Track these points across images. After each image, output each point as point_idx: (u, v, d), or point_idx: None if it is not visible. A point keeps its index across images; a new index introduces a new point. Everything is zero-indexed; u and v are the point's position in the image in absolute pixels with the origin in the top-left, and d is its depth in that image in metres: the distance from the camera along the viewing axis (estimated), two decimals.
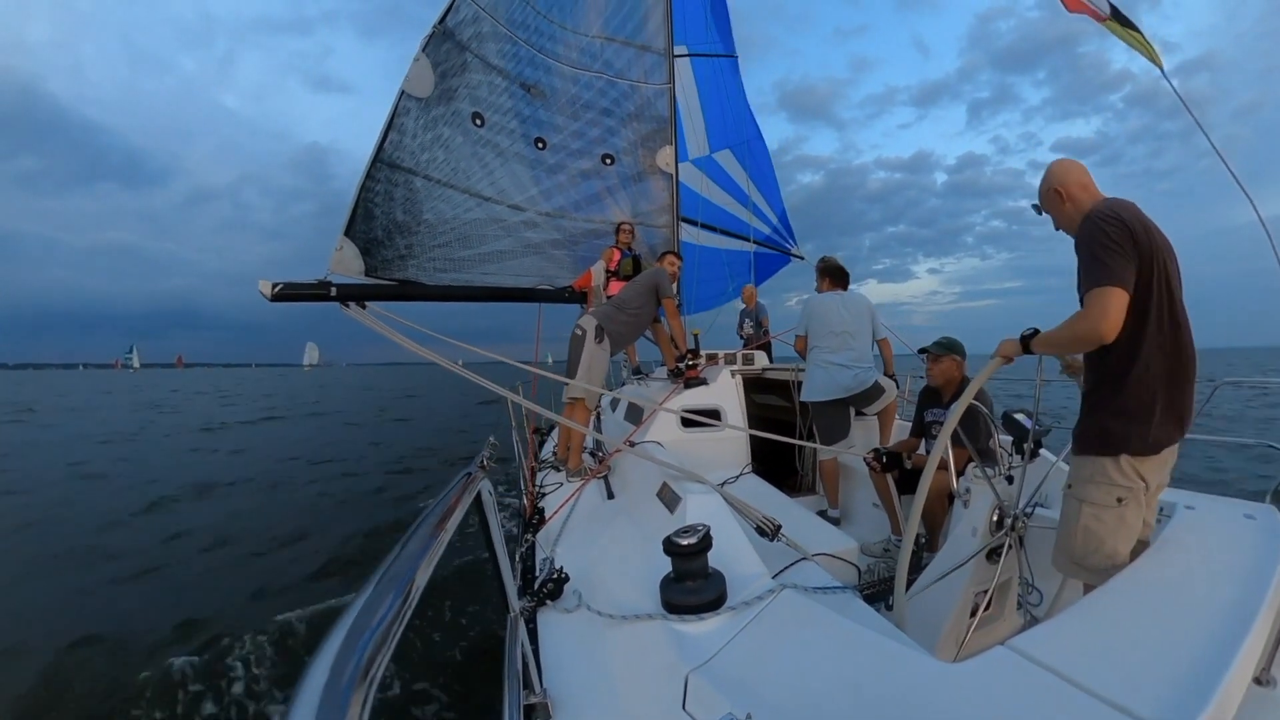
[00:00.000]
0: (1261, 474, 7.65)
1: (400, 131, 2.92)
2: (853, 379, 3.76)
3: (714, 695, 1.31)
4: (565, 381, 3.48)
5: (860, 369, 3.78)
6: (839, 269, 4.08)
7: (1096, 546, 1.79)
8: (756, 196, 8.32)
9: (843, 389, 3.78)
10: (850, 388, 3.77)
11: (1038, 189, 2.03)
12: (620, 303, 3.84)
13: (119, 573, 5.34)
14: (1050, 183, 1.95)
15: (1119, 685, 1.13)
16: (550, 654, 1.75)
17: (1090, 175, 1.93)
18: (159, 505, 7.85)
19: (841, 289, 4.05)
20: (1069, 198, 1.90)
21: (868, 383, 3.77)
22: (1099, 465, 1.79)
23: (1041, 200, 2.01)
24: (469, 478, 1.20)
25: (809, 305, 4.02)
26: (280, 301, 2.28)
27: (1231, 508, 2.10)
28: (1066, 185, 1.91)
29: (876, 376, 3.84)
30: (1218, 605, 1.43)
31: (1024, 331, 1.94)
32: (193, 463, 11.40)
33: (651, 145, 4.96)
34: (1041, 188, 2.00)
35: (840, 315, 3.84)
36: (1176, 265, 1.80)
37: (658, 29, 4.85)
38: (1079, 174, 1.92)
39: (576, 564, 2.25)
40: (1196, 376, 1.82)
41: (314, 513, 7.37)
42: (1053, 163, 1.99)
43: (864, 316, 3.86)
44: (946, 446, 2.53)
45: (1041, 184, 2.00)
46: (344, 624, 0.60)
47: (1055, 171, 1.95)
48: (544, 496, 3.49)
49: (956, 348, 3.30)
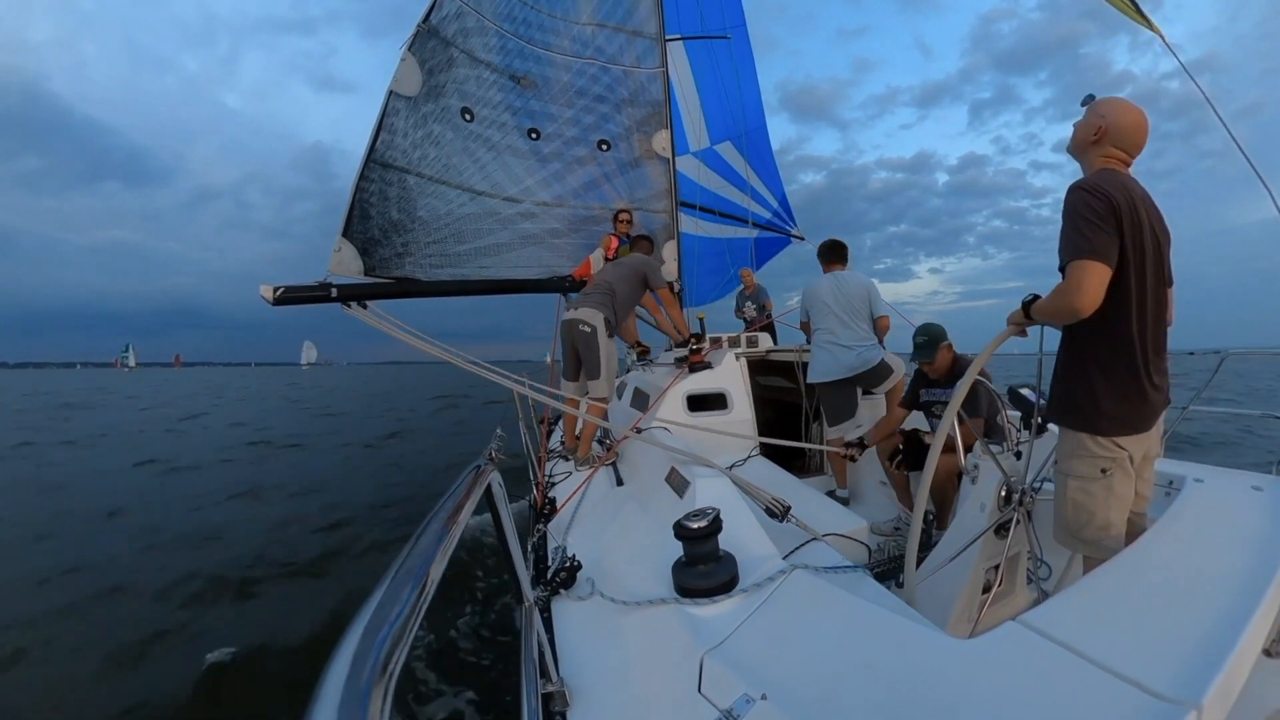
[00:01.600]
0: (1269, 446, 7.52)
1: (391, 131, 2.95)
2: (856, 358, 3.76)
3: (729, 677, 1.32)
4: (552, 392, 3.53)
5: (863, 348, 3.77)
6: (830, 248, 4.08)
7: (1088, 519, 1.79)
8: (756, 182, 8.24)
9: (847, 369, 3.78)
10: (855, 367, 3.77)
11: (1094, 104, 1.82)
12: (616, 294, 3.81)
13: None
14: (1105, 114, 1.76)
15: (1129, 658, 1.14)
16: (565, 642, 1.78)
17: (1136, 154, 1.76)
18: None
19: (840, 267, 4.05)
20: (1101, 140, 1.75)
21: (872, 361, 3.77)
22: (1078, 439, 1.79)
23: (1088, 111, 1.81)
24: (479, 470, 1.22)
25: (808, 289, 4.04)
26: (282, 305, 2.32)
27: (1239, 479, 2.08)
28: (1112, 132, 1.74)
29: (882, 355, 3.83)
30: (1227, 578, 1.43)
31: (1024, 298, 1.89)
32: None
33: (647, 130, 4.94)
34: (1097, 106, 1.80)
35: (837, 296, 3.84)
36: (1168, 241, 1.75)
37: (649, 13, 4.80)
38: (1132, 137, 1.74)
39: (588, 552, 2.27)
40: (1167, 357, 1.79)
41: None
42: (1126, 104, 1.76)
43: (861, 295, 3.84)
44: (953, 424, 2.52)
45: (1101, 104, 1.79)
46: (361, 620, 0.61)
47: (1118, 115, 1.74)
48: (554, 486, 3.53)
49: (940, 335, 3.25)
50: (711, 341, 4.79)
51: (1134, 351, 1.71)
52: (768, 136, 8.49)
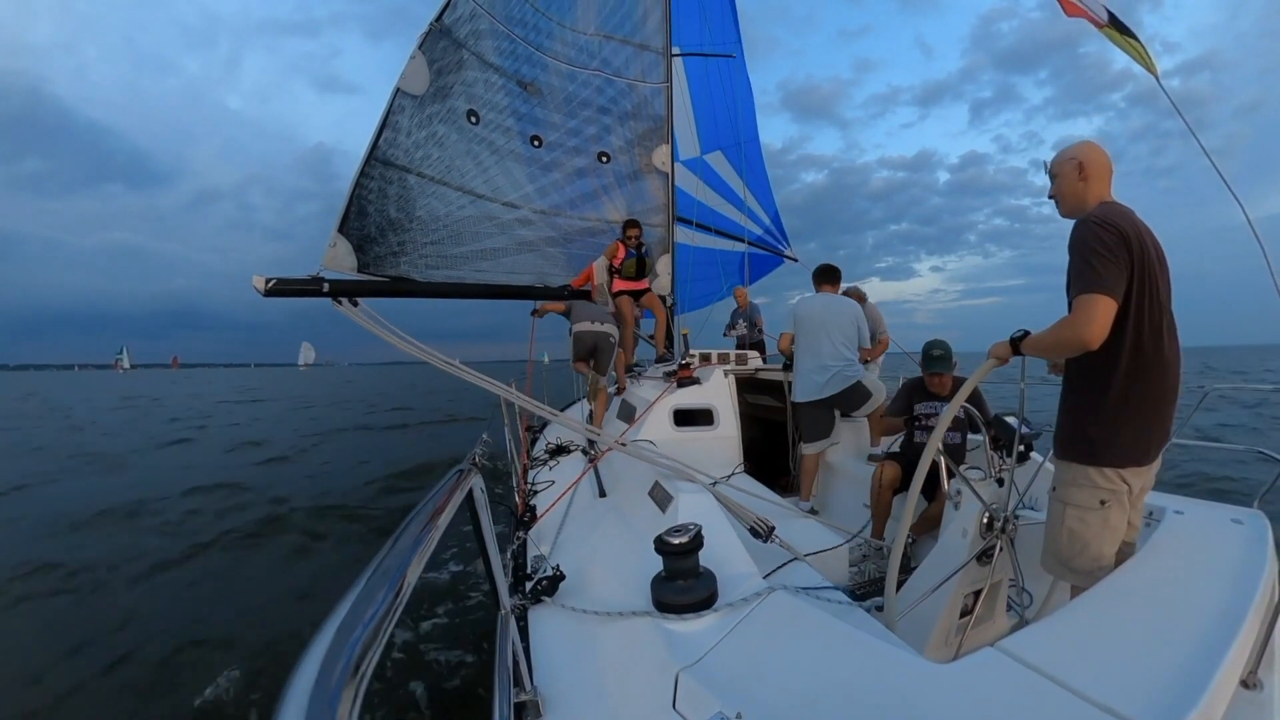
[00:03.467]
0: (1252, 478, 7.69)
1: (395, 129, 2.93)
2: (834, 377, 3.79)
3: (704, 694, 1.32)
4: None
5: (841, 366, 3.80)
6: (823, 271, 4.19)
7: (1082, 548, 1.80)
8: (749, 198, 8.32)
9: (818, 389, 3.83)
10: (831, 388, 3.81)
11: (1055, 157, 1.94)
12: (610, 318, 4.88)
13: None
14: (1075, 155, 1.87)
15: (1107, 687, 1.15)
16: (541, 652, 1.76)
17: (1112, 176, 1.87)
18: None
19: (831, 289, 4.13)
20: (1088, 177, 1.84)
21: (849, 381, 3.80)
22: (1081, 470, 1.80)
23: (1057, 167, 1.92)
24: (461, 475, 1.20)
25: (798, 304, 4.11)
26: (273, 297, 2.29)
27: (1219, 512, 2.12)
28: (1092, 165, 1.84)
29: (860, 377, 3.86)
30: (1205, 609, 1.45)
31: (1014, 334, 1.92)
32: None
33: (648, 144, 4.96)
34: (1062, 157, 1.91)
35: (825, 315, 3.90)
36: (1168, 277, 1.79)
37: (657, 28, 4.85)
38: (1106, 164, 1.85)
39: (568, 562, 2.26)
40: (1180, 390, 1.82)
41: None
42: (1085, 142, 1.90)
43: (849, 318, 3.89)
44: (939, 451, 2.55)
45: (1064, 152, 1.91)
46: (334, 620, 0.60)
47: (1087, 149, 1.87)
48: (536, 494, 3.51)
49: (952, 354, 3.34)
50: (701, 358, 4.81)
51: (1140, 383, 1.73)
52: (760, 152, 8.59)
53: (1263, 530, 1.93)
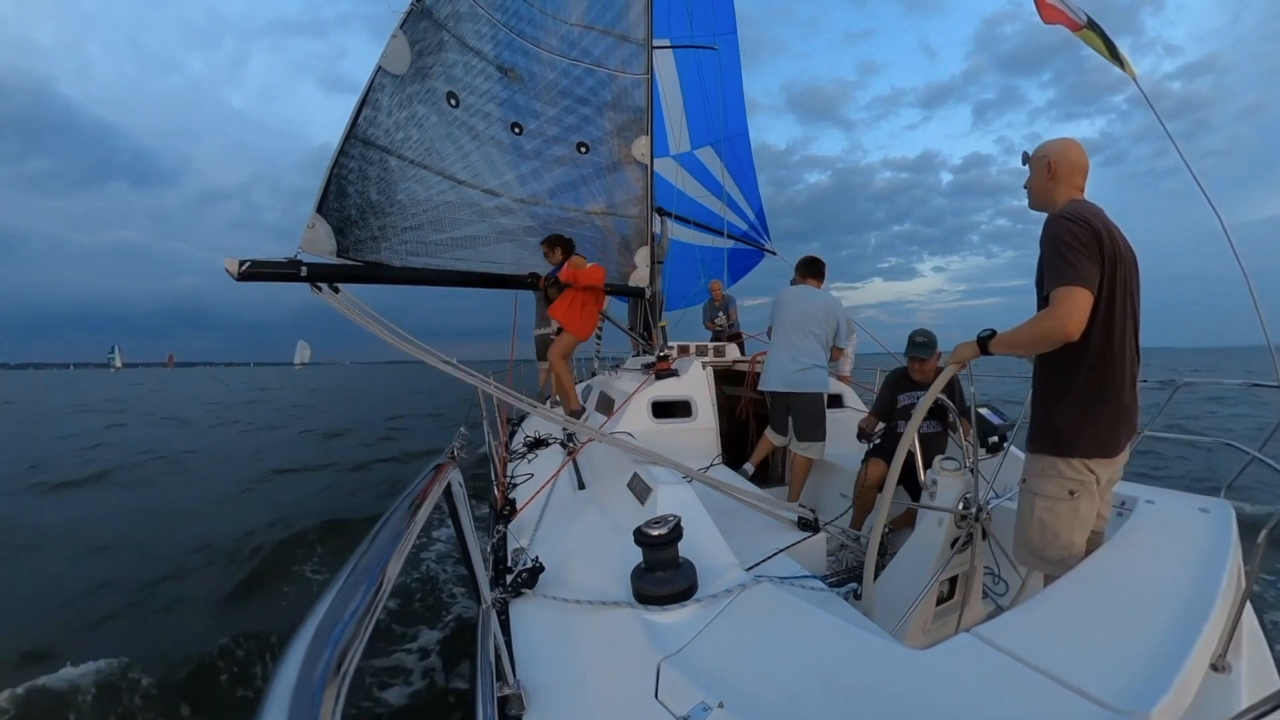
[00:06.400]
0: (1221, 469, 7.94)
1: (375, 108, 2.85)
2: (797, 372, 3.77)
3: (686, 684, 1.32)
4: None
5: (808, 363, 3.77)
6: (807, 263, 4.13)
7: (1053, 538, 1.85)
8: (735, 192, 8.33)
9: (787, 382, 3.80)
10: (794, 383, 3.78)
11: (1036, 149, 1.97)
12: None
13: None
14: (1047, 153, 1.90)
15: (1080, 671, 1.18)
16: (523, 645, 1.75)
17: (1086, 176, 1.89)
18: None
19: (814, 283, 4.08)
20: (1056, 175, 1.87)
21: (811, 385, 3.76)
22: (1050, 461, 1.85)
23: (1031, 163, 1.96)
24: (439, 468, 1.19)
25: (777, 295, 4.08)
26: (248, 281, 2.20)
27: (1188, 502, 2.20)
28: (1062, 164, 1.87)
29: (825, 382, 3.83)
30: (1175, 595, 1.50)
31: (980, 333, 1.94)
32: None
33: (627, 135, 4.93)
34: (1037, 152, 1.95)
35: (800, 308, 3.86)
36: (1137, 272, 1.84)
37: (638, 18, 4.82)
38: (1080, 163, 1.87)
39: (548, 555, 2.25)
40: (1139, 380, 1.88)
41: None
42: (1063, 139, 1.92)
43: (825, 313, 3.84)
44: (914, 448, 2.61)
45: (1040, 149, 1.94)
46: (314, 618, 0.59)
47: (1060, 147, 1.89)
48: (515, 487, 3.47)
49: (936, 341, 3.33)
50: (679, 350, 4.83)
51: (1109, 377, 1.78)
52: (749, 146, 8.59)
53: (1228, 519, 2.02)
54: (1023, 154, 2.01)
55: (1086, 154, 1.90)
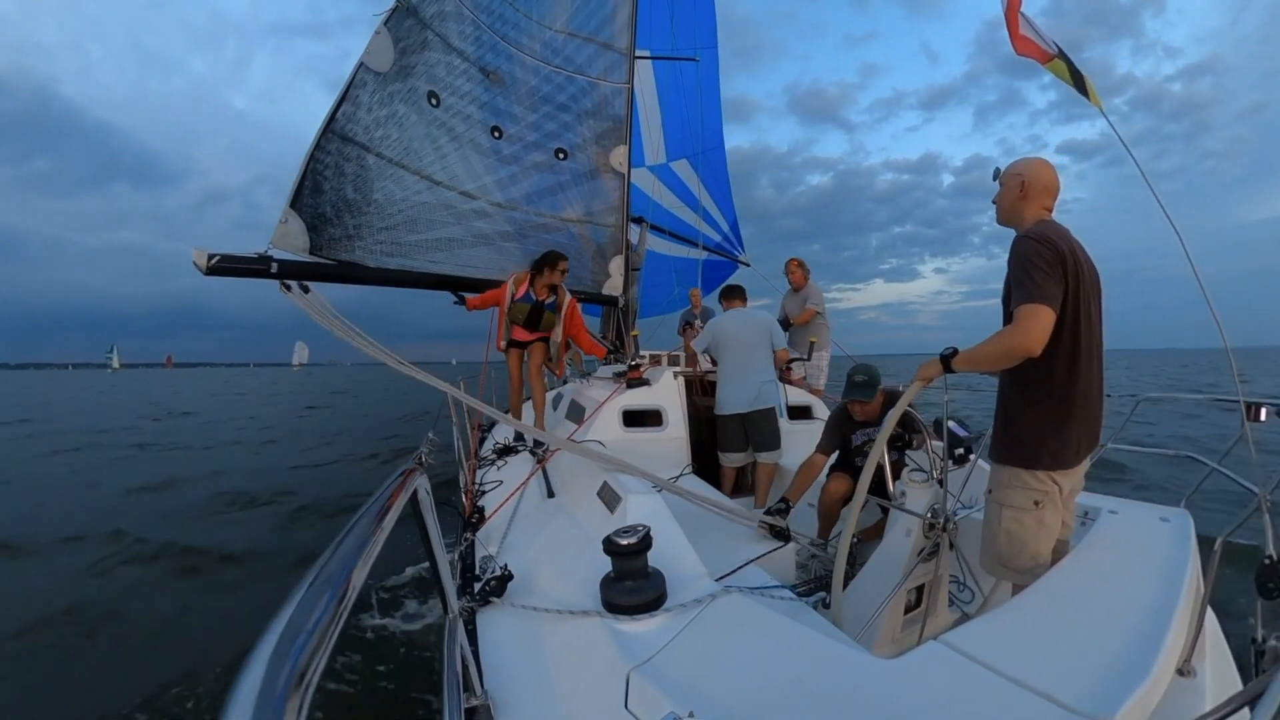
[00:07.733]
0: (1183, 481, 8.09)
1: (354, 104, 2.78)
2: (755, 393, 3.93)
3: (656, 694, 1.31)
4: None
5: (764, 382, 3.94)
6: (729, 290, 4.39)
7: (1020, 548, 1.89)
8: (709, 204, 8.38)
9: (745, 404, 3.94)
10: (752, 403, 3.93)
11: (1007, 168, 2.00)
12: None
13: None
14: (1021, 172, 1.94)
15: (1048, 676, 1.21)
16: (490, 655, 1.71)
17: (1056, 197, 1.94)
18: None
19: (741, 304, 4.29)
20: (1028, 195, 1.92)
21: (768, 402, 3.92)
22: (1015, 472, 1.89)
23: (1005, 178, 1.99)
24: (406, 474, 1.15)
25: (713, 323, 4.22)
26: (216, 275, 2.11)
27: (1149, 511, 2.25)
28: (1035, 184, 1.91)
29: (780, 399, 4.00)
30: (1139, 602, 1.55)
31: (943, 351, 1.98)
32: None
33: (606, 144, 4.95)
34: (1010, 169, 1.98)
35: (740, 331, 4.03)
36: (1099, 292, 1.92)
37: (622, 28, 4.84)
38: (1051, 185, 1.93)
39: (517, 563, 2.20)
40: (1104, 396, 1.95)
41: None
42: (1037, 159, 1.97)
43: (764, 329, 4.05)
44: (884, 460, 2.65)
45: (1012, 166, 1.98)
46: (276, 626, 0.57)
47: (1035, 168, 1.93)
48: (484, 494, 3.41)
49: (879, 378, 3.22)
50: (650, 359, 4.83)
51: (1072, 392, 1.84)
52: (724, 159, 8.66)
53: (1187, 528, 2.09)
54: (994, 170, 2.06)
55: (1058, 176, 1.97)
